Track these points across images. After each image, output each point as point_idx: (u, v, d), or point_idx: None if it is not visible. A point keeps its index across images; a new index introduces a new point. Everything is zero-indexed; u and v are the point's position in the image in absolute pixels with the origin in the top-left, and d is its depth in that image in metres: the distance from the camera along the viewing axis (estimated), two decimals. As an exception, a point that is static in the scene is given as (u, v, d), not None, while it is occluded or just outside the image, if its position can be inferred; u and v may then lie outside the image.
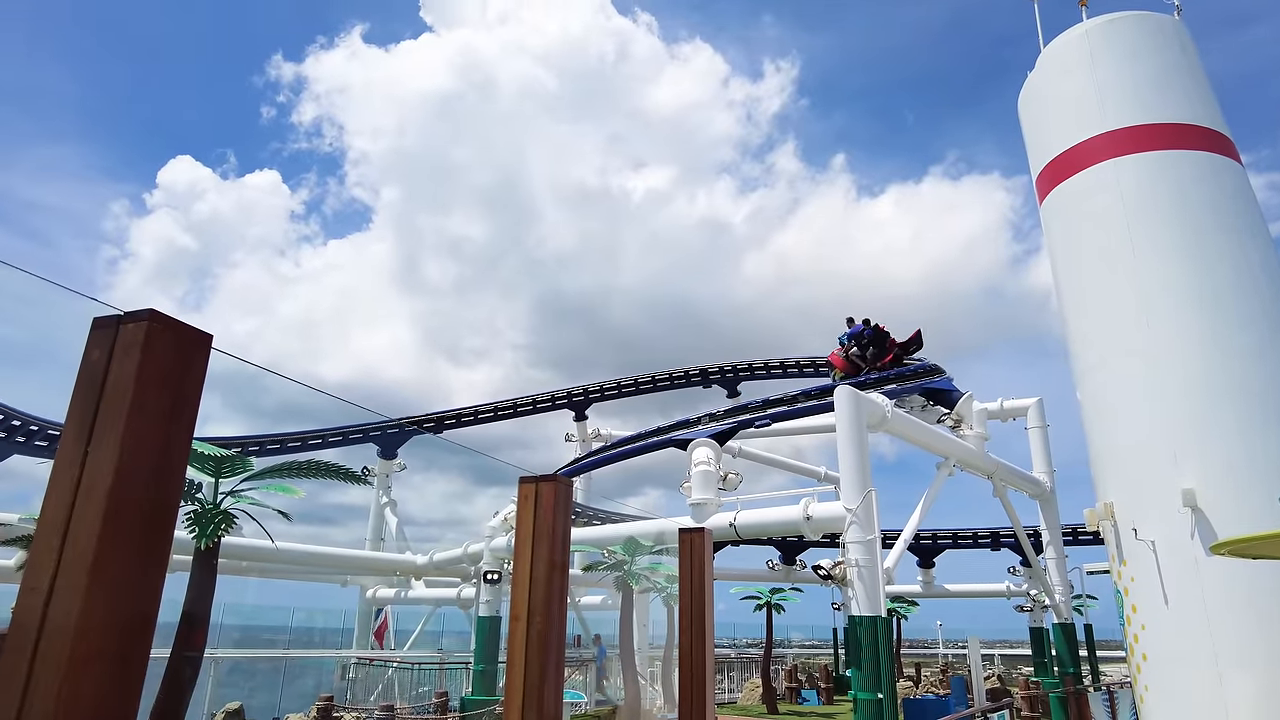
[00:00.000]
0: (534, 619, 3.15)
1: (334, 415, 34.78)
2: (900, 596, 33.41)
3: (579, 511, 28.71)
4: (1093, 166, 14.05)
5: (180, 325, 2.02)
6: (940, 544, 33.38)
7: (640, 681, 20.08)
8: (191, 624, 10.18)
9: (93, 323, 2.05)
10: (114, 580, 1.86)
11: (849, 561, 14.78)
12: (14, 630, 1.83)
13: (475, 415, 35.11)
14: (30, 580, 1.86)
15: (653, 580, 20.04)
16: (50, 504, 1.90)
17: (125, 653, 1.88)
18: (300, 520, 12.44)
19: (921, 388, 23.47)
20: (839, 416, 15.92)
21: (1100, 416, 13.40)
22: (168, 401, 1.98)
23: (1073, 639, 23.23)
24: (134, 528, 1.88)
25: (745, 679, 30.36)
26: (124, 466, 1.87)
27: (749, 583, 29.69)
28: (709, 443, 18.51)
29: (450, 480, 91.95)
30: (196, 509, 10.57)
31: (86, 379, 1.98)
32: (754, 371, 34.73)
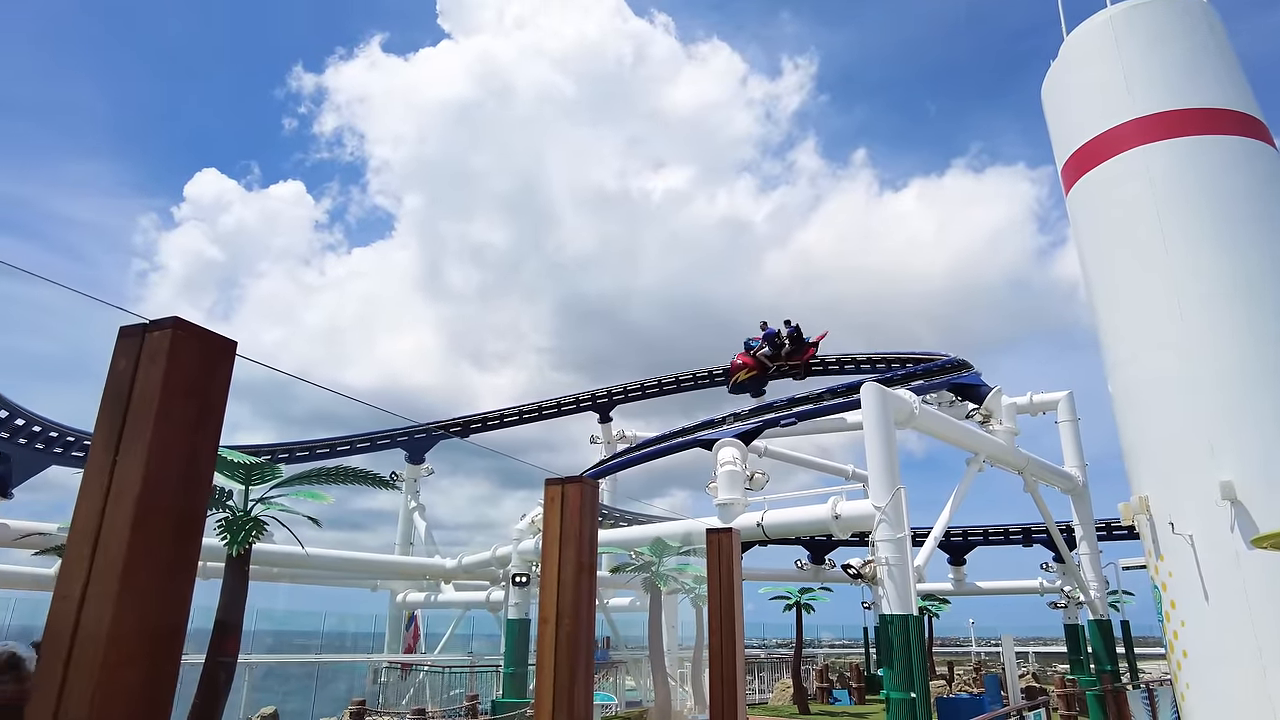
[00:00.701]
0: (563, 621, 3.14)
1: (362, 421, 35.11)
2: (931, 594, 33.08)
3: (605, 513, 28.74)
4: (1120, 155, 13.80)
5: (205, 333, 2.03)
6: (971, 541, 32.99)
7: (670, 683, 20.03)
8: (225, 630, 10.31)
9: (119, 332, 2.06)
10: (144, 587, 1.86)
11: (879, 560, 14.64)
12: (48, 637, 1.84)
13: (501, 419, 35.28)
14: (63, 588, 1.87)
15: (681, 581, 19.99)
16: (81, 512, 1.91)
17: (156, 659, 1.89)
18: (330, 526, 12.56)
19: (949, 383, 23.20)
20: (866, 414, 15.78)
21: (1133, 409, 13.16)
22: (194, 408, 1.99)
23: (1109, 636, 22.85)
24: (163, 535, 1.89)
25: (775, 679, 30.21)
26: (152, 474, 1.87)
27: (778, 583, 29.55)
28: (734, 442, 18.44)
29: (477, 484, 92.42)
30: (227, 516, 10.71)
31: (114, 388, 1.99)
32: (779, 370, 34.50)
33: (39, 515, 20.09)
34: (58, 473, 21.35)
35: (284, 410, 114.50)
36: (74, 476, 21.39)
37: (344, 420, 45.76)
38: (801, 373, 30.23)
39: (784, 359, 29.24)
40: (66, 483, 22.23)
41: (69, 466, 21.40)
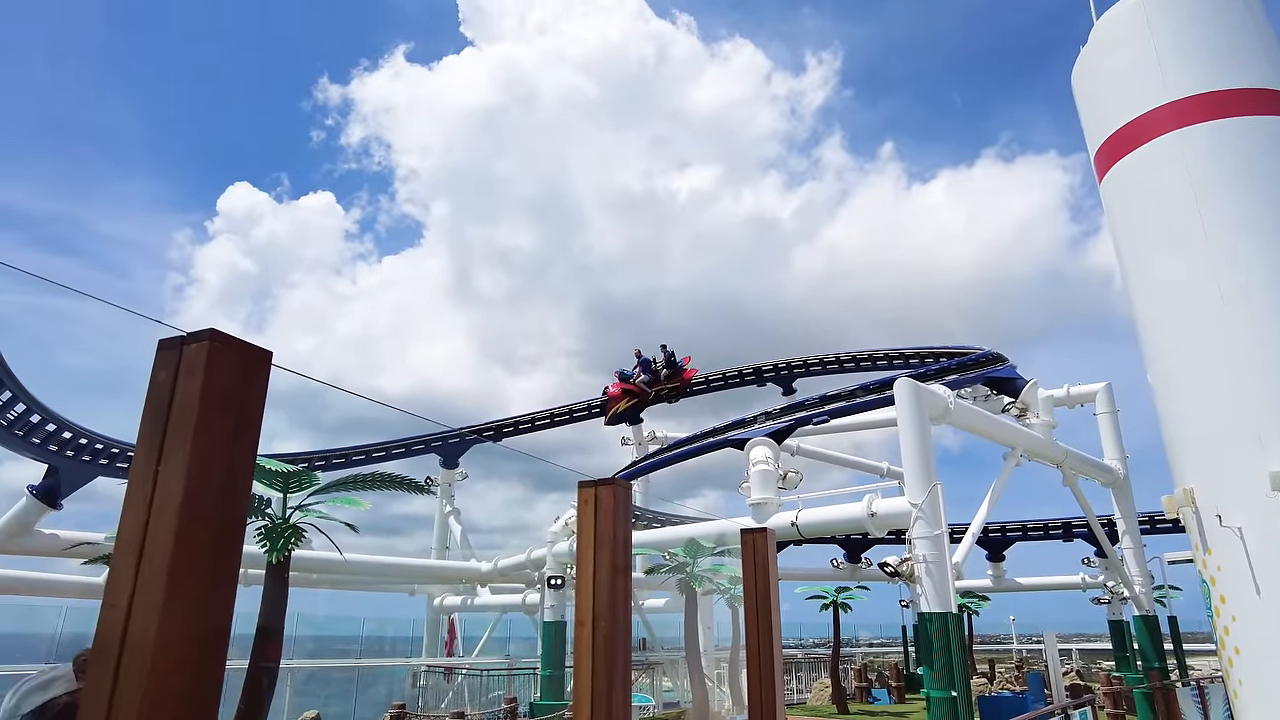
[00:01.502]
0: (599, 623, 3.14)
1: (396, 427, 35.49)
2: (970, 591, 32.62)
3: (638, 515, 28.74)
4: (1155, 140, 13.50)
5: (241, 344, 2.06)
6: (1010, 536, 32.47)
7: (707, 683, 19.98)
8: (267, 636, 10.47)
9: (158, 345, 2.10)
10: (188, 595, 1.89)
11: (916, 557, 14.48)
12: (97, 645, 1.88)
13: (533, 422, 35.43)
14: (110, 597, 1.91)
15: (715, 582, 19.93)
16: (126, 523, 1.95)
17: (202, 665, 1.92)
18: (367, 531, 12.73)
19: (984, 377, 22.88)
20: (899, 410, 15.60)
21: (1175, 400, 12.86)
22: (231, 418, 2.02)
23: (1156, 632, 22.36)
24: (205, 543, 1.92)
25: (814, 679, 30.00)
26: (193, 484, 1.91)
27: (814, 582, 29.33)
28: (767, 442, 18.34)
29: (510, 487, 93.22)
30: (267, 524, 10.87)
31: (154, 399, 2.03)
32: (809, 368, 34.29)
33: (87, 525, 20.62)
34: (104, 484, 21.86)
35: (318, 418, 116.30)
36: (119, 487, 21.89)
37: (378, 426, 46.27)
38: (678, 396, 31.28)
39: (663, 383, 29.81)
40: (113, 493, 22.75)
41: (115, 477, 21.89)
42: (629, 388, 29.45)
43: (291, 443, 35.39)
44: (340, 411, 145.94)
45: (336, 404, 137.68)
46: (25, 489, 19.23)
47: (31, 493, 19.13)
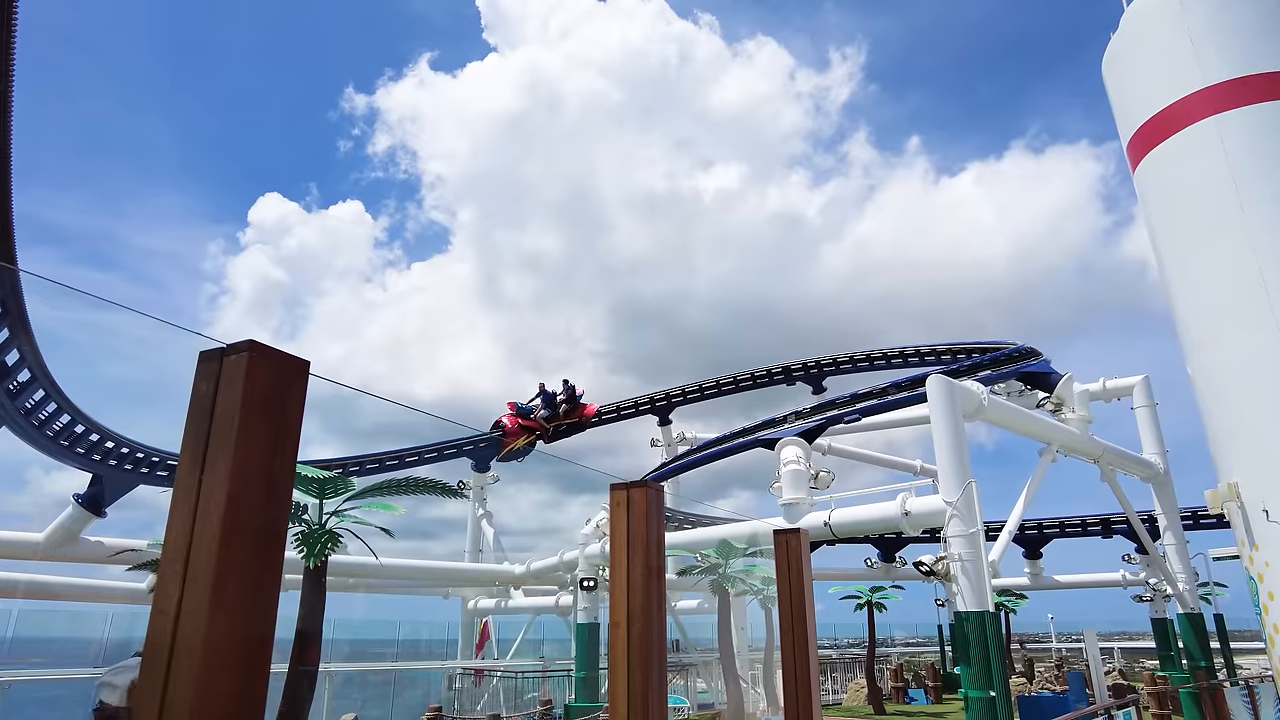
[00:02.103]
0: (634, 625, 3.15)
1: (428, 431, 35.83)
2: (1007, 590, 32.13)
3: (669, 516, 28.72)
4: (1191, 126, 13.23)
5: (279, 354, 2.10)
6: (1047, 533, 31.93)
7: (742, 684, 19.90)
8: (305, 640, 10.63)
9: (199, 356, 2.15)
10: (233, 600, 1.94)
11: (951, 556, 14.31)
12: (149, 650, 1.93)
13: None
14: (160, 603, 1.96)
15: (748, 583, 19.85)
16: (172, 530, 2.00)
17: (248, 668, 1.96)
18: (401, 535, 12.86)
19: (1017, 372, 22.54)
20: (932, 407, 15.44)
21: (1217, 393, 12.59)
22: (271, 427, 2.06)
23: (1201, 630, 21.87)
24: (248, 549, 1.96)
25: (849, 680, 29.76)
26: (235, 492, 1.95)
27: (848, 582, 29.11)
28: (797, 441, 18.25)
29: (541, 489, 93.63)
30: (303, 530, 11.04)
31: (196, 409, 2.08)
32: (839, 366, 34.02)
33: (130, 533, 21.07)
34: (145, 491, 22.32)
35: (351, 424, 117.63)
36: (161, 495, 22.35)
37: (409, 431, 46.73)
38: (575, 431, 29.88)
39: (562, 418, 28.37)
40: (154, 501, 23.22)
41: (155, 485, 22.34)
42: (527, 423, 27.87)
43: (325, 448, 36.08)
44: (373, 417, 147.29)
45: (369, 410, 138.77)
46: (71, 498, 19.70)
47: (77, 501, 19.60)
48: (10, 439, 16.99)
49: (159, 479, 22.55)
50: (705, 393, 35.98)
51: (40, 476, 24.97)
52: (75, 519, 19.58)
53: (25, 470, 35.02)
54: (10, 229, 11.80)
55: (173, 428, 7.33)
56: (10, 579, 20.30)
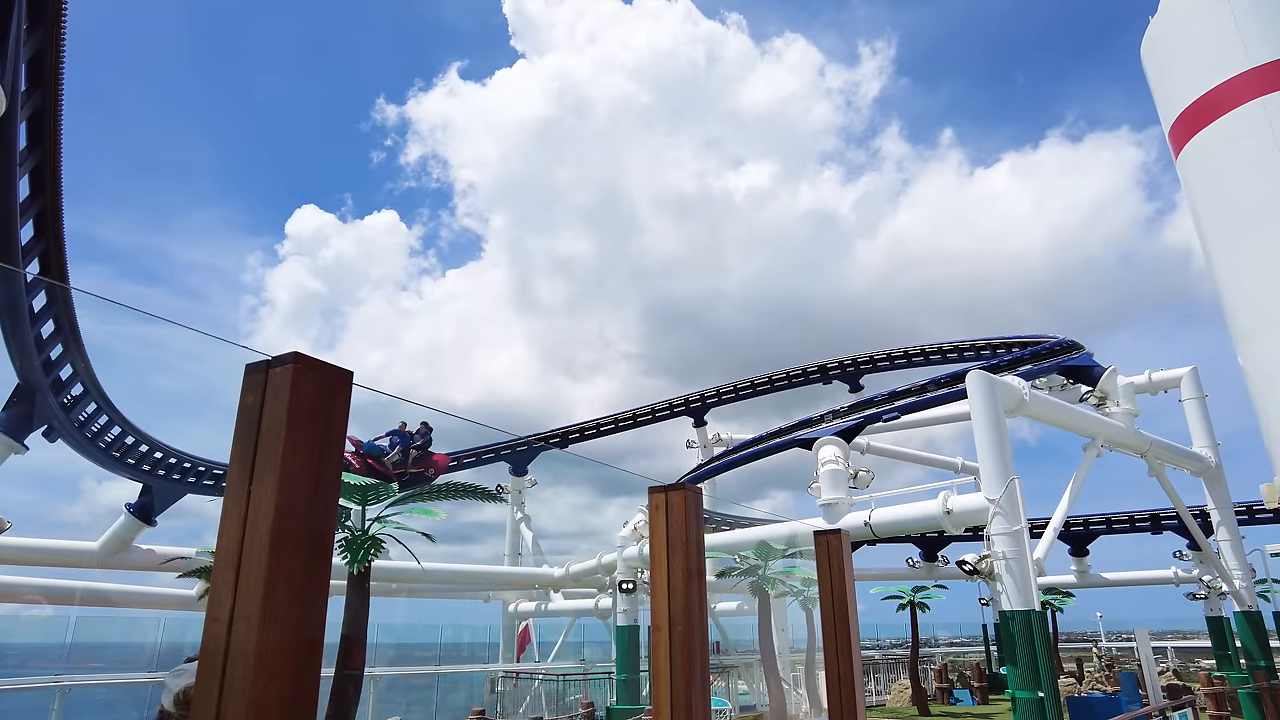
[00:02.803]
0: (675, 628, 3.15)
1: (466, 437, 36.19)
2: (1053, 588, 31.52)
3: (706, 517, 28.61)
4: (1236, 109, 12.89)
5: (323, 365, 2.14)
6: (1093, 530, 31.27)
7: (784, 686, 19.78)
8: (350, 644, 10.79)
9: (245, 369, 2.20)
10: (283, 607, 1.97)
11: (995, 554, 14.09)
12: (204, 656, 1.98)
13: (597, 428, 35.71)
14: (213, 611, 2.00)
15: (788, 584, 19.73)
16: (223, 541, 2.04)
17: (299, 674, 2.00)
18: (441, 540, 12.99)
19: (1059, 366, 22.10)
20: (972, 404, 15.22)
21: (1271, 382, 12.24)
22: (317, 437, 2.10)
23: (1260, 628, 21.24)
24: (297, 558, 2.00)
25: (892, 680, 29.39)
26: (283, 502, 1.99)
27: (889, 582, 28.78)
28: (835, 440, 18.10)
29: (578, 492, 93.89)
30: (347, 536, 11.21)
31: (244, 422, 2.12)
32: (876, 363, 33.69)
33: (179, 540, 21.60)
34: (193, 500, 22.87)
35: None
36: (207, 504, 22.85)
37: (448, 437, 47.19)
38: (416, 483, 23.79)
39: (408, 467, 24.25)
40: (201, 509, 23.78)
41: (202, 494, 22.87)
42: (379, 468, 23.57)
43: (366, 456, 36.52)
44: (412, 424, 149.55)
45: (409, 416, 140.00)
46: (123, 507, 20.24)
47: (129, 511, 20.12)
48: (65, 451, 17.51)
49: (205, 488, 23.09)
50: (740, 393, 35.86)
51: (93, 487, 25.91)
52: (127, 528, 20.11)
53: (79, 481, 36.20)
54: (62, 249, 12.17)
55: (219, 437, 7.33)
56: (68, 586, 20.92)
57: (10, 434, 14.39)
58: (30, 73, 9.70)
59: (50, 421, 15.65)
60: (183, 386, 78.70)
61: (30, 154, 10.62)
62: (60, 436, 16.76)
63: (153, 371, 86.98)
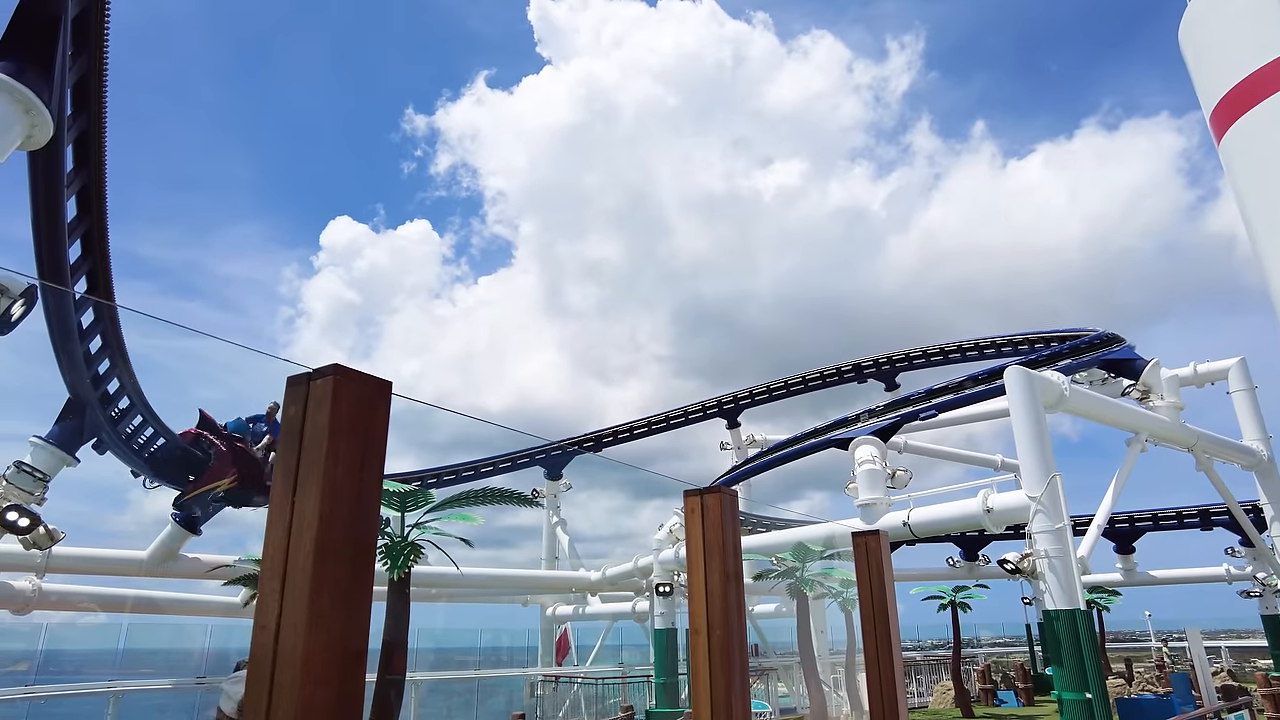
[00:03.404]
0: (714, 632, 3.15)
1: (500, 442, 36.46)
2: (1099, 586, 30.85)
3: (742, 519, 28.50)
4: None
5: (363, 376, 2.18)
6: (1139, 527, 30.56)
7: (824, 688, 19.61)
8: (391, 649, 10.92)
9: (287, 381, 2.24)
10: (328, 615, 2.02)
11: (1037, 553, 13.85)
12: (253, 664, 2.03)
13: (630, 431, 35.76)
14: (260, 619, 2.05)
15: (827, 585, 19.56)
16: (269, 550, 2.09)
17: (344, 680, 2.04)
18: (479, 545, 13.10)
19: (1100, 359, 21.67)
20: (1011, 400, 14.99)
21: (1322, 372, 11.88)
22: (358, 447, 2.14)
23: (1318, 625, 20.60)
24: (340, 567, 2.04)
25: (935, 682, 28.99)
26: (326, 512, 2.03)
27: (930, 582, 28.39)
28: (872, 440, 17.93)
29: (613, 496, 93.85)
30: (387, 542, 11.36)
31: (287, 433, 2.17)
32: (912, 361, 33.31)
33: (223, 549, 22.01)
34: (232, 510, 23.30)
35: (426, 437, 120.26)
36: (251, 512, 23.29)
37: (482, 442, 47.61)
38: None
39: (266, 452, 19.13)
40: (243, 518, 24.19)
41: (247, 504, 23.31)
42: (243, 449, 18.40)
43: (403, 461, 37.07)
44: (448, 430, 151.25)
45: (444, 423, 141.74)
46: (170, 516, 20.70)
47: (175, 520, 20.57)
48: (113, 462, 17.95)
49: (249, 496, 23.51)
50: (774, 394, 35.68)
51: (140, 497, 26.56)
52: (174, 537, 20.55)
53: (127, 491, 37.34)
54: (108, 266, 12.50)
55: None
56: (120, 594, 21.46)
57: (62, 447, 14.79)
58: (75, 97, 9.99)
59: (99, 434, 16.06)
60: (224, 396, 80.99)
61: (76, 175, 10.93)
62: (109, 449, 17.19)
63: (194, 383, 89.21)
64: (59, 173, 10.04)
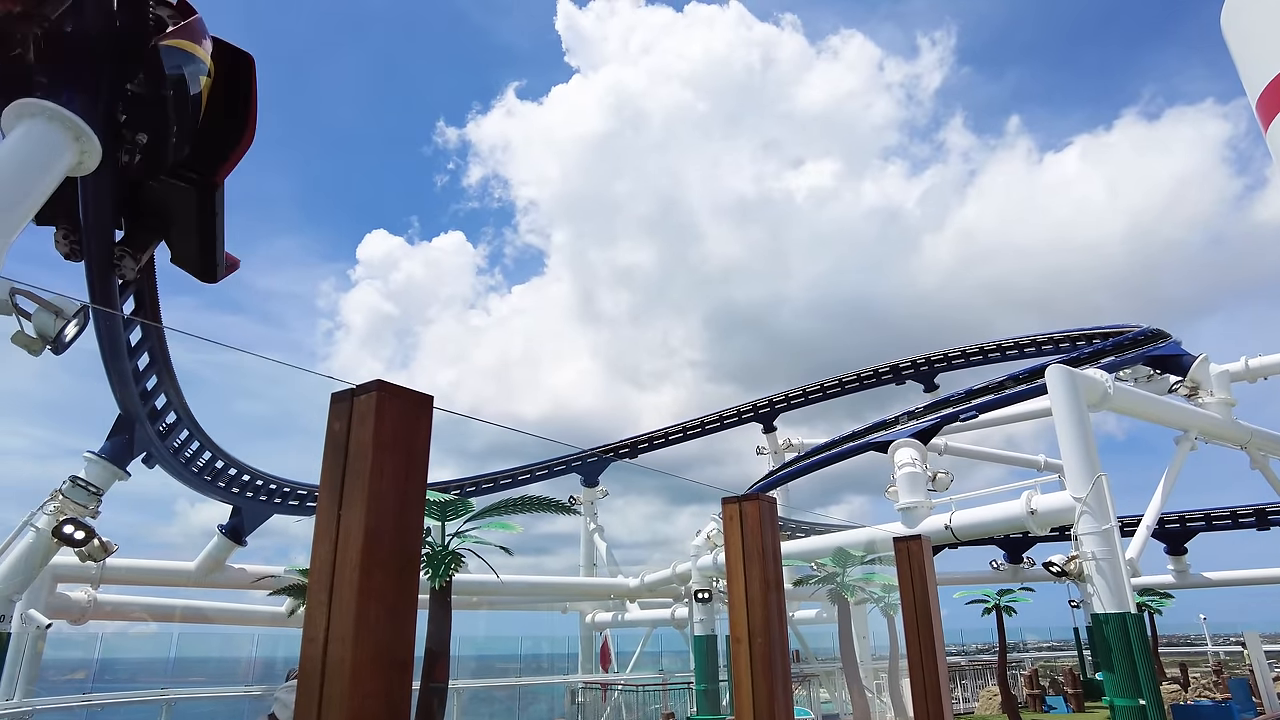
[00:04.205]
0: (755, 640, 3.14)
1: (537, 450, 36.70)
2: (1150, 589, 30.07)
3: (780, 524, 28.30)
4: (1328, 79, 12.18)
5: (404, 391, 2.22)
6: (1191, 527, 29.73)
7: (867, 694, 19.38)
8: (434, 658, 11.03)
9: (331, 398, 2.29)
10: (374, 626, 2.05)
11: (1084, 555, 13.56)
12: (302, 675, 2.07)
13: (666, 437, 35.73)
14: (309, 631, 2.10)
15: (868, 591, 19.34)
16: (316, 564, 2.14)
17: (391, 690, 2.07)
18: (518, 552, 13.19)
19: (1144, 356, 21.18)
20: (1053, 399, 14.72)
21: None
22: (401, 460, 2.18)
23: (1382, 627, 19.86)
24: (386, 579, 2.08)
25: (980, 687, 28.49)
26: (371, 525, 2.07)
27: (973, 585, 27.90)
28: (912, 443, 17.72)
29: (649, 502, 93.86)
30: (428, 552, 11.48)
31: (332, 448, 2.22)
32: (951, 361, 32.86)
33: (269, 559, 22.45)
34: (279, 520, 23.76)
35: (464, 446, 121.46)
36: (293, 523, 23.67)
37: (519, 451, 47.96)
38: None
39: None
40: (287, 529, 24.66)
41: (288, 514, 23.75)
42: None
43: (443, 470, 37.49)
44: (485, 439, 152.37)
45: (481, 431, 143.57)
46: (216, 528, 21.16)
47: (221, 532, 21.02)
48: (161, 476, 18.41)
49: (290, 508, 23.96)
50: (810, 397, 35.42)
51: (187, 509, 27.32)
52: (220, 548, 21.01)
53: (174, 503, 38.52)
54: (154, 285, 12.85)
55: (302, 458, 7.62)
56: (169, 605, 21.98)
57: (114, 461, 15.20)
58: (120, 121, 10.28)
59: (149, 449, 16.49)
60: (267, 410, 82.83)
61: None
62: (157, 462, 17.63)
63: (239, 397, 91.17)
64: (107, 198, 10.34)
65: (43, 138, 8.21)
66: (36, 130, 8.20)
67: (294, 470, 24.42)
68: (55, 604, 18.12)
